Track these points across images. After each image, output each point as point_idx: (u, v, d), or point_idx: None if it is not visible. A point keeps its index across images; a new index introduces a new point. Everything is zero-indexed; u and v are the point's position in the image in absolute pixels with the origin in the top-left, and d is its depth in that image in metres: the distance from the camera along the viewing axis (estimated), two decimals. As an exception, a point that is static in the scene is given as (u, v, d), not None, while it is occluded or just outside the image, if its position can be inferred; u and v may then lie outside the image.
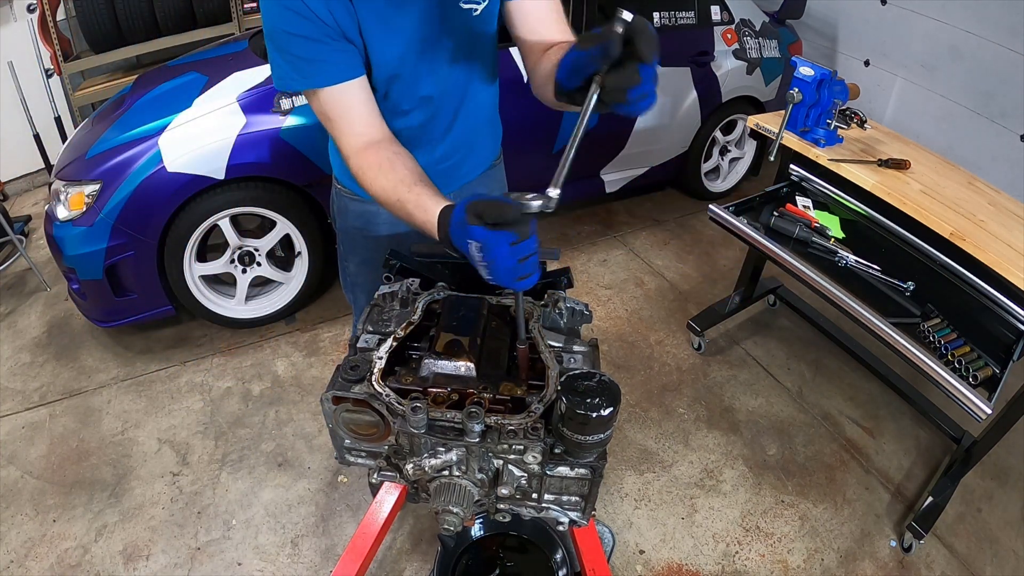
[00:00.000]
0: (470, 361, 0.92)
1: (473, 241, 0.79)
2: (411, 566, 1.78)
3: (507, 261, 0.78)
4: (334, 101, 1.02)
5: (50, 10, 3.24)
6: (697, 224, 3.44)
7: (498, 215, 0.76)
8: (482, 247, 0.78)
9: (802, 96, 2.01)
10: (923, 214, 1.84)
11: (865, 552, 1.90)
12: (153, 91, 2.44)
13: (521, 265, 0.79)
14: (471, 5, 1.05)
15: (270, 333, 2.60)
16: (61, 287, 2.76)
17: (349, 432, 0.95)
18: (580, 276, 2.99)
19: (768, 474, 2.11)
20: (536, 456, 0.87)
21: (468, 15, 1.06)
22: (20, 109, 3.19)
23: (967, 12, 3.04)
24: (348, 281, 1.50)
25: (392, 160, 1.02)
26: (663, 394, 2.39)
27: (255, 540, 1.84)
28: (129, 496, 1.96)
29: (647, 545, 1.88)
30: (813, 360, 2.58)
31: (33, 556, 1.79)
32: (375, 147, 1.03)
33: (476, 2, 1.05)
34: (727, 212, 2.13)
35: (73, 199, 2.16)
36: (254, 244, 2.44)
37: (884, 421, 2.33)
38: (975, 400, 1.57)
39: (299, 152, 2.27)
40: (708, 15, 3.15)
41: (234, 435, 2.16)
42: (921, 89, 3.37)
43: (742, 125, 3.51)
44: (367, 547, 1.06)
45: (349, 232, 1.39)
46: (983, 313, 1.85)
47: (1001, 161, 3.05)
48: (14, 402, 2.29)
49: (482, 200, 0.78)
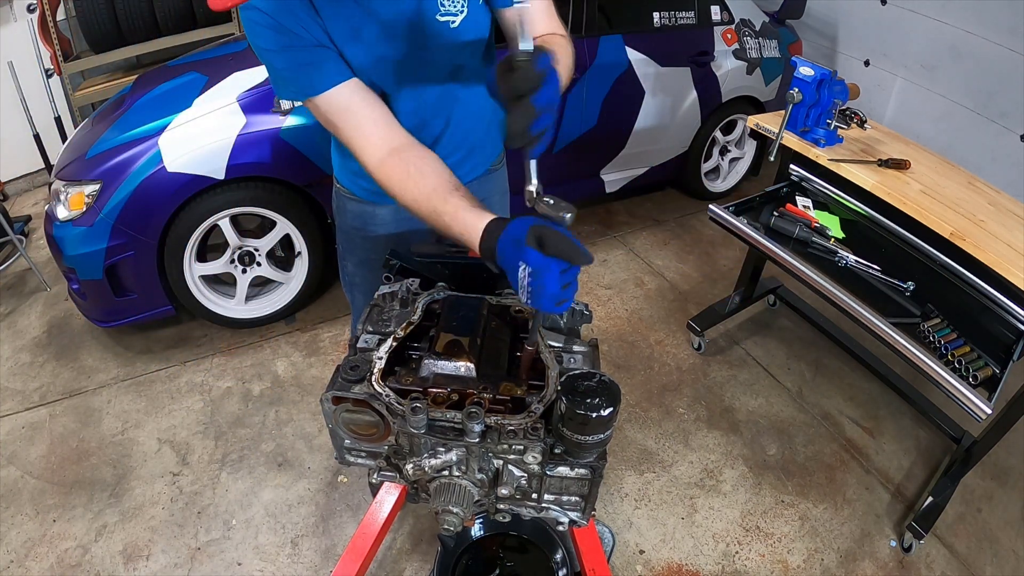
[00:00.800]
0: (470, 361, 0.92)
1: (526, 265, 0.79)
2: (411, 566, 1.78)
3: (554, 288, 0.79)
4: (332, 107, 1.00)
5: (50, 10, 3.24)
6: (697, 224, 3.44)
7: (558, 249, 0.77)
8: (534, 272, 0.79)
9: (802, 96, 2.00)
10: (923, 214, 1.84)
11: (865, 552, 1.90)
12: (153, 91, 2.44)
13: (563, 292, 0.80)
14: (447, 18, 1.02)
15: (270, 333, 2.60)
16: (61, 287, 2.76)
17: (349, 432, 0.95)
18: (581, 276, 2.97)
19: (768, 474, 2.11)
20: (536, 456, 0.87)
21: (446, 27, 1.03)
22: (20, 109, 3.20)
23: (967, 12, 3.04)
24: (347, 280, 1.49)
25: (421, 168, 0.98)
26: (663, 394, 2.39)
27: (255, 540, 1.84)
28: (129, 496, 1.96)
29: (647, 545, 1.88)
30: (813, 360, 2.58)
31: (33, 556, 1.79)
32: (397, 155, 1.00)
33: (452, 15, 1.02)
34: (727, 212, 2.13)
35: (73, 199, 2.16)
36: (254, 244, 2.44)
37: (884, 421, 2.33)
38: (975, 400, 1.57)
39: (299, 152, 2.27)
40: (708, 15, 3.15)
41: (234, 435, 2.16)
42: (921, 89, 3.37)
43: (742, 125, 3.51)
44: (367, 547, 1.06)
45: (347, 232, 1.38)
46: (983, 313, 1.85)
47: (1001, 161, 3.05)
48: (14, 402, 2.29)
49: (546, 227, 0.78)
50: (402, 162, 0.99)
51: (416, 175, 0.97)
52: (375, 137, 1.00)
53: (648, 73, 2.98)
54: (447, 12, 1.01)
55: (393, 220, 1.32)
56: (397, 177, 0.99)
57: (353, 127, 1.00)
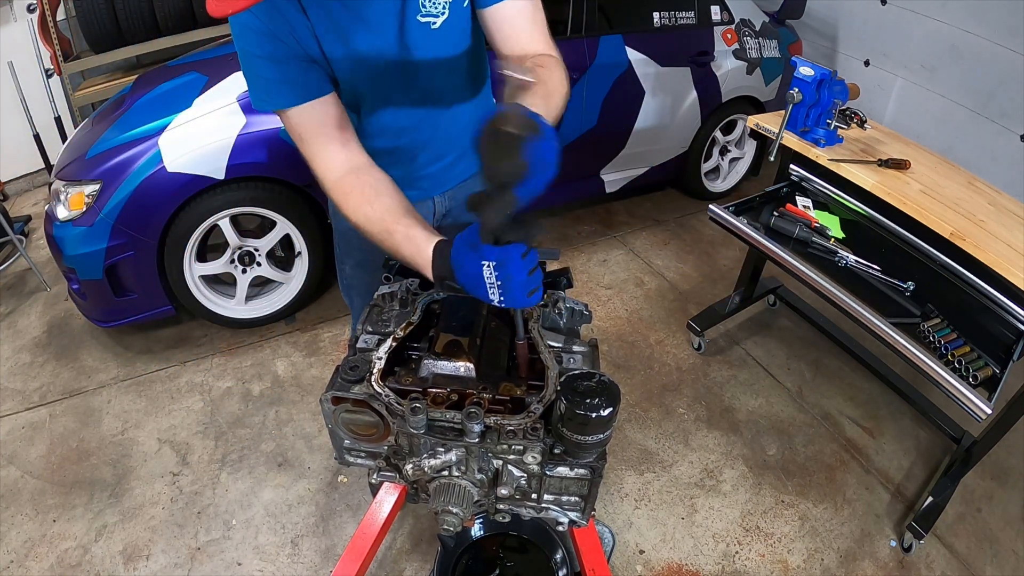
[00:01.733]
0: (469, 362, 0.92)
1: (488, 262, 0.78)
2: (411, 566, 1.78)
3: (521, 275, 0.78)
4: (304, 120, 1.00)
5: (50, 10, 3.24)
6: (697, 224, 3.44)
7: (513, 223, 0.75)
8: (498, 265, 0.78)
9: (802, 96, 2.00)
10: (923, 214, 1.84)
11: (865, 552, 1.90)
12: (153, 91, 2.44)
13: (531, 279, 0.80)
14: (428, 19, 1.01)
15: (270, 333, 2.60)
16: (61, 287, 2.76)
17: (349, 432, 0.95)
18: (580, 276, 2.99)
19: (768, 474, 2.11)
20: (536, 456, 0.87)
21: (427, 29, 1.02)
22: (20, 109, 3.20)
23: (967, 12, 3.03)
24: (344, 283, 1.50)
25: (376, 188, 0.99)
26: (663, 394, 2.39)
27: (255, 540, 1.84)
28: (129, 496, 1.96)
29: (647, 545, 1.88)
30: (813, 360, 2.58)
31: (33, 556, 1.79)
32: (355, 174, 1.01)
33: (433, 15, 1.01)
34: (727, 212, 2.13)
35: (73, 199, 2.16)
36: (254, 244, 2.44)
37: (884, 421, 2.33)
38: (975, 400, 1.57)
39: (299, 152, 2.27)
40: (708, 15, 3.15)
41: (234, 435, 2.16)
42: (921, 89, 3.37)
43: (742, 125, 3.51)
44: (367, 547, 1.06)
45: (345, 234, 1.38)
46: (983, 313, 1.84)
47: (1001, 161, 3.04)
48: (14, 402, 2.29)
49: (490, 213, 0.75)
50: (359, 182, 1.00)
51: (371, 195, 0.98)
52: (338, 155, 1.02)
53: (648, 73, 2.98)
54: (428, 13, 1.01)
55: None
56: (352, 196, 0.99)
57: (319, 144, 1.02)
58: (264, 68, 0.98)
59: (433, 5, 1.00)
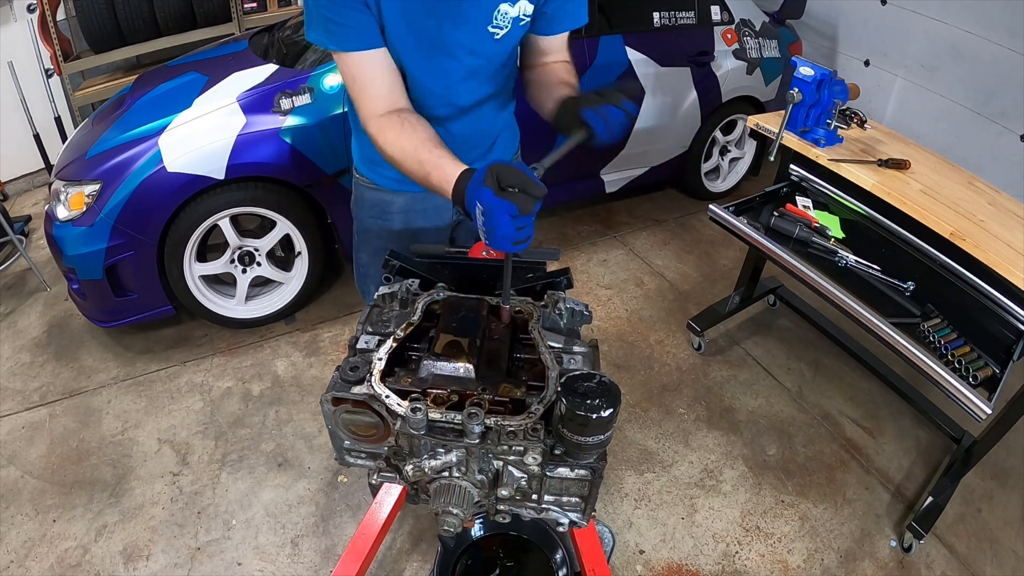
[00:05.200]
0: (469, 362, 0.92)
1: (479, 204, 0.85)
2: (411, 566, 1.78)
3: (506, 228, 0.85)
4: (360, 65, 1.08)
5: (50, 10, 3.23)
6: (697, 224, 3.44)
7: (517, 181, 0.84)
8: (486, 212, 0.85)
9: (802, 96, 2.00)
10: (923, 214, 1.84)
11: (865, 552, 1.90)
12: (153, 91, 2.44)
13: (516, 233, 0.86)
14: (496, 30, 1.14)
15: (270, 333, 2.60)
16: (61, 287, 2.75)
17: (349, 433, 0.95)
18: (580, 276, 2.99)
19: (768, 474, 2.11)
20: (536, 457, 0.87)
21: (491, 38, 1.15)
22: (20, 109, 3.20)
23: (967, 12, 3.03)
24: (361, 272, 1.52)
25: (414, 124, 1.08)
26: (663, 394, 2.39)
27: (255, 540, 1.84)
28: (129, 496, 1.96)
29: (647, 545, 1.88)
30: (813, 360, 2.58)
31: (33, 556, 1.79)
32: (396, 113, 1.10)
33: (500, 27, 1.14)
34: (727, 212, 2.13)
35: (73, 199, 2.16)
36: (254, 244, 2.44)
37: (884, 421, 2.33)
38: (975, 400, 1.57)
39: (299, 152, 2.27)
40: (708, 15, 3.15)
41: (234, 435, 2.16)
42: (921, 89, 3.36)
43: (742, 125, 3.51)
44: (367, 547, 1.06)
45: (364, 221, 1.43)
46: (983, 313, 1.84)
47: (1001, 161, 3.04)
48: (14, 402, 2.29)
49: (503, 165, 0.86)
50: (399, 119, 1.09)
51: (408, 130, 1.07)
52: (381, 98, 1.11)
53: (648, 73, 2.98)
54: (497, 25, 1.13)
55: (408, 210, 1.37)
56: (390, 130, 1.08)
57: (366, 85, 1.10)
58: (328, 7, 1.04)
59: (503, 19, 1.13)
